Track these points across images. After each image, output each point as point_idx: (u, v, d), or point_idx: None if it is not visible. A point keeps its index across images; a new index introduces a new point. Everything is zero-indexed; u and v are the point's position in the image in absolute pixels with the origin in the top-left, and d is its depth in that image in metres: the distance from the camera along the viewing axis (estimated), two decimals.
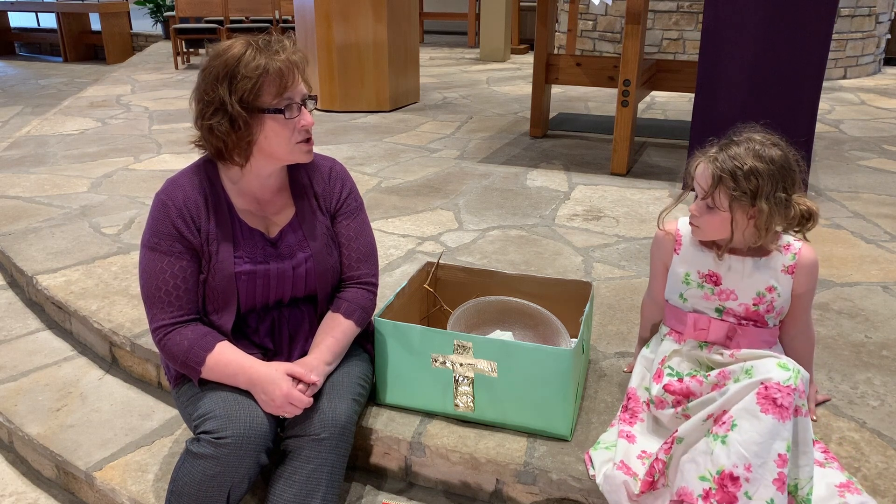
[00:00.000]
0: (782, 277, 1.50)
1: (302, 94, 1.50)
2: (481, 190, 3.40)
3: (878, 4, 6.45)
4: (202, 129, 1.50)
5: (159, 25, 10.51)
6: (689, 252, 1.57)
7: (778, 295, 1.50)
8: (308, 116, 1.51)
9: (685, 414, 1.47)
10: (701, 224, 1.48)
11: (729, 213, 1.43)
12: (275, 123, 1.47)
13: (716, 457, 1.30)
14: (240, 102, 1.44)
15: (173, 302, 1.51)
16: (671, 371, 1.56)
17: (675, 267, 1.59)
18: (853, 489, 1.38)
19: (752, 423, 1.29)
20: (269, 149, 1.50)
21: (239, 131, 1.45)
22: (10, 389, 2.08)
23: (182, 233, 1.51)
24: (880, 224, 2.93)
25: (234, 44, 1.46)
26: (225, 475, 1.39)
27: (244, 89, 1.43)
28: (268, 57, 1.44)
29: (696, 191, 1.49)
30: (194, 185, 1.54)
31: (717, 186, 1.41)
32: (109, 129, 4.70)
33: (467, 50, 8.87)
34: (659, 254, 1.64)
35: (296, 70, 1.48)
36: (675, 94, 5.78)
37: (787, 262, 1.50)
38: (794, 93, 3.01)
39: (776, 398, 1.29)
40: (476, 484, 1.64)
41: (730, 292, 1.52)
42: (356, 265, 1.68)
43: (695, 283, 1.56)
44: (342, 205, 1.68)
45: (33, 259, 2.61)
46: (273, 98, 1.46)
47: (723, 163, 1.41)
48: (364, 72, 5.08)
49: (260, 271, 1.56)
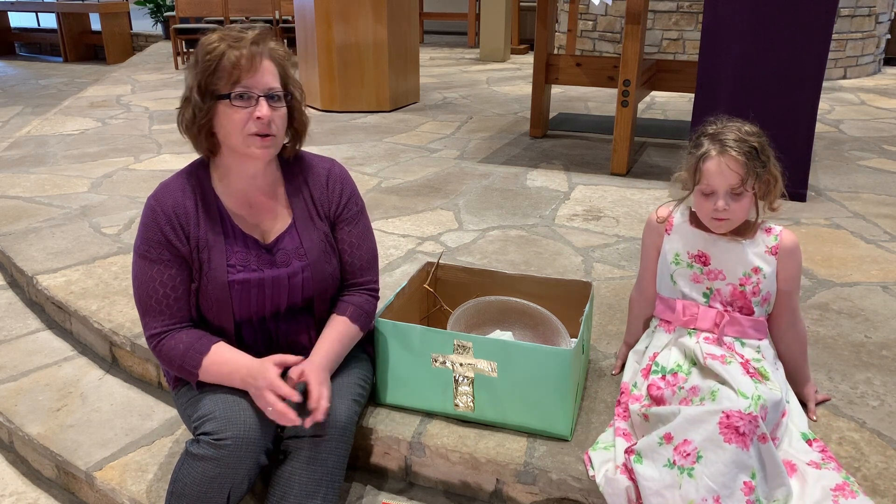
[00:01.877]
0: (767, 258, 1.56)
1: (265, 87, 1.45)
2: (481, 190, 3.40)
3: (878, 4, 6.45)
4: (178, 122, 1.52)
5: (159, 25, 10.51)
6: (679, 233, 1.63)
7: (763, 276, 1.55)
8: (264, 108, 1.44)
9: (645, 414, 1.49)
10: (731, 215, 1.52)
11: (752, 192, 1.50)
12: (226, 109, 1.44)
13: (685, 492, 1.31)
14: (198, 87, 1.45)
15: (164, 310, 1.50)
16: (657, 367, 1.58)
17: (664, 247, 1.64)
18: (848, 492, 1.37)
19: (717, 454, 1.30)
20: (227, 139, 1.48)
21: (195, 117, 1.46)
22: (10, 389, 2.08)
23: (171, 241, 1.50)
24: (880, 224, 2.93)
25: (211, 33, 1.47)
26: (225, 476, 1.39)
27: (203, 74, 1.44)
28: (229, 45, 1.43)
29: (714, 187, 1.49)
30: (185, 190, 1.53)
31: (749, 172, 1.47)
32: (109, 129, 4.70)
33: (467, 50, 8.87)
34: (651, 238, 1.68)
35: (257, 61, 1.44)
36: (675, 94, 5.78)
37: (770, 244, 1.56)
38: (794, 93, 3.02)
39: (738, 426, 1.31)
40: (476, 484, 1.64)
41: (718, 272, 1.57)
42: (359, 272, 1.67)
43: (684, 263, 1.60)
44: (342, 210, 1.65)
45: (33, 259, 2.61)
46: (227, 85, 1.44)
47: (741, 147, 1.47)
48: (364, 72, 5.08)
49: (254, 280, 1.53)
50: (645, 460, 1.38)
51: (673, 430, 1.37)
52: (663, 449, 1.36)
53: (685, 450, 1.33)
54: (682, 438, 1.35)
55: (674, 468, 1.33)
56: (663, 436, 1.37)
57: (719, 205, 1.50)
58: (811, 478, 1.40)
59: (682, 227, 1.62)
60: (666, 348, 1.61)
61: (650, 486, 1.34)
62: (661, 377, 1.55)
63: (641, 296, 1.75)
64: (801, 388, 1.67)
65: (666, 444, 1.36)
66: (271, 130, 1.47)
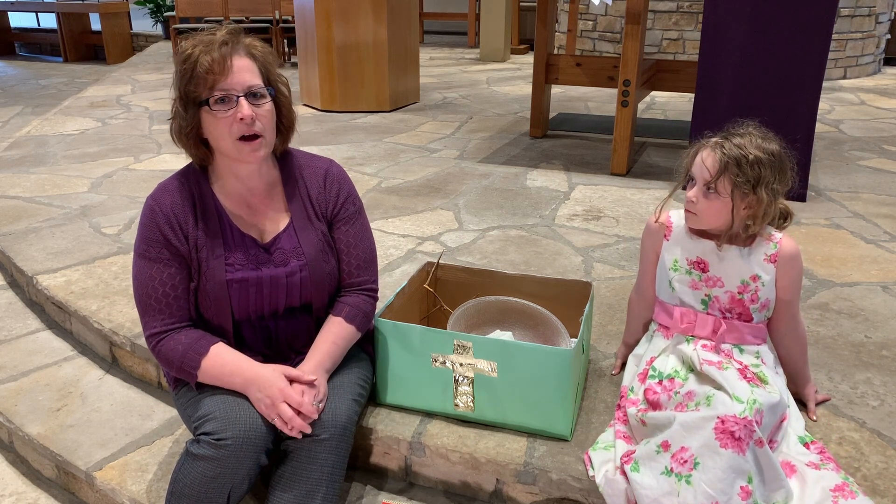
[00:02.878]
0: (766, 266, 1.54)
1: (244, 86, 1.43)
2: (481, 190, 3.40)
3: (878, 4, 6.45)
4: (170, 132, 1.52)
5: (159, 25, 10.50)
6: (678, 239, 1.62)
7: (762, 284, 1.54)
8: (245, 108, 1.42)
9: (642, 419, 1.49)
10: (698, 210, 1.52)
11: (730, 199, 1.48)
12: (208, 116, 1.44)
13: (683, 499, 1.31)
14: (181, 97, 1.45)
15: (164, 310, 1.51)
16: (654, 372, 1.58)
17: (664, 253, 1.64)
18: (847, 493, 1.37)
19: (713, 460, 1.30)
20: (217, 144, 1.48)
21: (181, 127, 1.46)
22: (10, 389, 2.08)
23: (170, 240, 1.50)
24: (880, 224, 2.93)
25: (187, 40, 1.46)
26: (225, 476, 1.39)
27: (182, 82, 1.44)
28: (201, 50, 1.42)
29: (694, 178, 1.52)
30: (183, 190, 1.53)
31: (722, 173, 1.46)
32: (109, 129, 4.70)
33: (467, 50, 8.87)
34: (650, 242, 1.68)
35: (230, 62, 1.42)
36: (675, 94, 5.78)
37: (770, 252, 1.55)
38: (794, 93, 3.01)
39: (733, 431, 1.31)
40: (476, 484, 1.64)
41: (716, 279, 1.57)
42: (357, 272, 1.66)
43: (683, 269, 1.60)
44: (340, 210, 1.65)
45: (33, 259, 2.62)
46: (206, 90, 1.43)
47: (729, 150, 1.47)
48: (364, 72, 5.08)
49: (252, 278, 1.53)
50: (642, 468, 1.37)
51: (670, 438, 1.37)
52: (661, 457, 1.36)
53: (682, 457, 1.33)
54: (680, 446, 1.35)
55: (671, 476, 1.33)
56: (660, 443, 1.37)
57: (689, 194, 1.52)
58: (811, 479, 1.40)
59: (681, 234, 1.62)
60: (664, 353, 1.60)
61: (648, 495, 1.34)
62: (657, 382, 1.54)
63: (641, 297, 1.75)
64: (801, 388, 1.67)
65: (664, 452, 1.36)
66: (256, 129, 1.45)
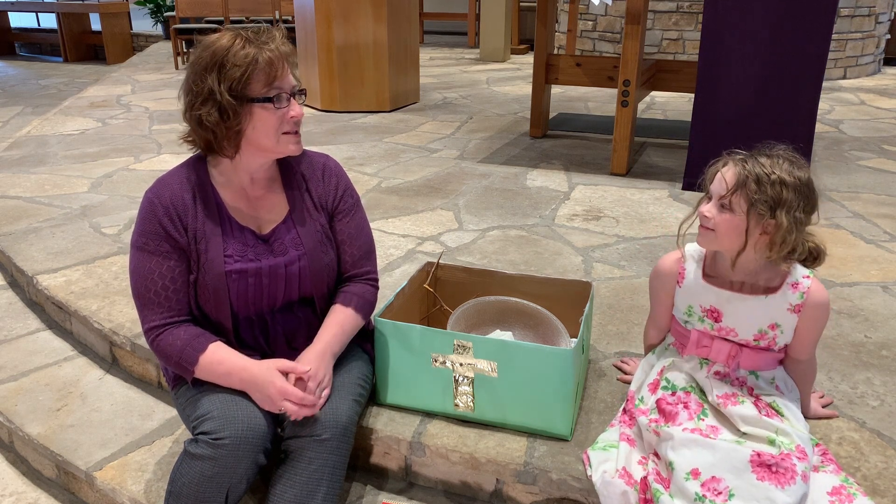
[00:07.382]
0: (788, 316, 1.47)
1: (291, 85, 1.50)
2: (481, 190, 3.40)
3: (877, 4, 6.45)
4: (191, 121, 1.49)
5: (159, 25, 10.51)
6: (691, 286, 1.54)
7: (781, 332, 1.48)
8: (297, 108, 1.51)
9: (656, 431, 1.47)
10: (714, 226, 1.42)
11: (745, 218, 1.38)
12: (263, 112, 1.46)
13: None
14: (229, 91, 1.44)
15: (163, 303, 1.50)
16: (667, 384, 1.56)
17: (676, 299, 1.58)
18: (845, 496, 1.37)
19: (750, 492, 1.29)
20: (257, 140, 1.49)
21: (228, 121, 1.45)
22: (10, 389, 2.08)
23: (169, 232, 1.50)
24: (880, 224, 2.93)
25: (222, 35, 1.47)
26: (223, 476, 1.39)
27: (233, 78, 1.43)
28: (257, 47, 1.44)
29: (712, 192, 1.44)
30: (183, 183, 1.54)
31: (739, 188, 1.38)
32: (110, 129, 4.70)
33: (467, 50, 8.87)
34: (660, 284, 1.61)
35: (284, 62, 1.48)
36: (675, 94, 5.78)
37: (795, 301, 1.46)
38: (794, 93, 3.02)
39: (770, 465, 1.31)
40: (476, 484, 1.64)
41: (730, 329, 1.50)
42: (359, 263, 1.69)
43: (696, 317, 1.54)
44: (339, 202, 1.67)
45: (33, 259, 2.62)
46: (262, 87, 1.45)
47: (752, 167, 1.38)
48: (364, 72, 5.08)
49: (251, 269, 1.54)
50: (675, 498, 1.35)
51: (701, 467, 1.35)
52: (690, 483, 1.34)
53: (715, 487, 1.32)
54: (710, 475, 1.33)
55: (704, 501, 1.32)
56: (690, 471, 1.36)
57: (702, 209, 1.44)
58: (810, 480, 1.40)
59: (694, 282, 1.54)
60: (676, 368, 1.57)
61: None
62: (671, 393, 1.52)
63: (658, 330, 1.68)
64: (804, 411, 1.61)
65: (693, 480, 1.34)
66: (300, 127, 1.54)
